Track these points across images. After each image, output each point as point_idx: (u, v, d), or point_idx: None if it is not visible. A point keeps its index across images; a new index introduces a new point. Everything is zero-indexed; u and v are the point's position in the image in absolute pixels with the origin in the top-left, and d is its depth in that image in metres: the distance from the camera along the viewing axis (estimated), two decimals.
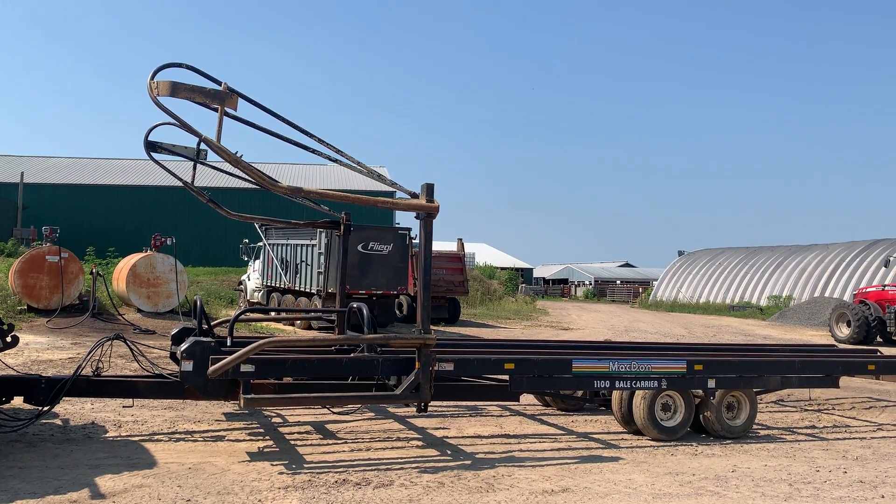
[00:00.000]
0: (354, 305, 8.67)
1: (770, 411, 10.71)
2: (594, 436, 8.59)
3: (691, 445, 8.15)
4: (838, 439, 8.88)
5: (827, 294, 39.57)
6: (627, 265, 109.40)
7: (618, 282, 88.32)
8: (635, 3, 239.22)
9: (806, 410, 10.92)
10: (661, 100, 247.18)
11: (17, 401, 7.54)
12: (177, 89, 6.63)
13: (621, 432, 8.72)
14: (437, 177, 73.88)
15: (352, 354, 8.11)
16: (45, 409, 7.49)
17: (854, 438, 8.98)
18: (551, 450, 7.84)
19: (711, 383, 8.50)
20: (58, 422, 8.20)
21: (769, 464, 7.45)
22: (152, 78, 6.57)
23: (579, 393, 9.93)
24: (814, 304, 35.34)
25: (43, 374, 7.79)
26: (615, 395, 8.71)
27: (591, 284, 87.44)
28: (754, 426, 9.00)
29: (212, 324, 8.46)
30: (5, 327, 7.33)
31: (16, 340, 7.48)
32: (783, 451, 8.12)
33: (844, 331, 24.76)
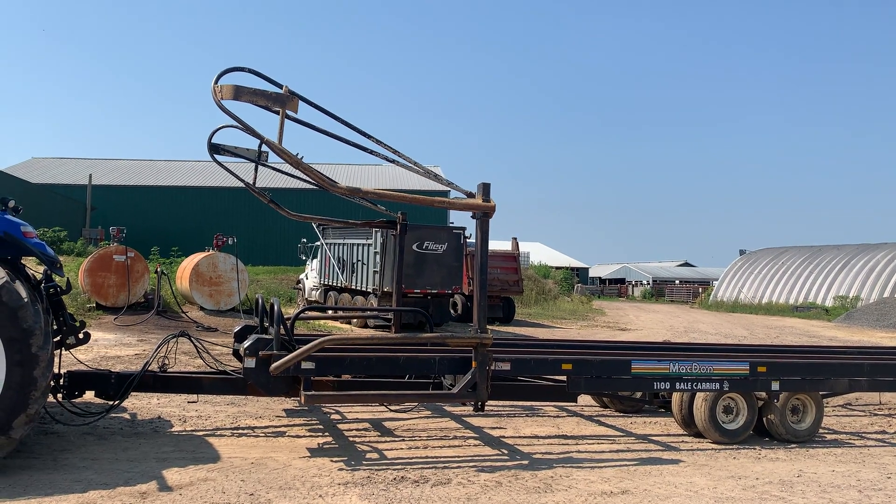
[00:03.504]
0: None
1: (837, 415, 10.38)
2: (653, 438, 8.47)
3: (754, 449, 7.96)
4: None
5: None
6: (686, 265, 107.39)
7: (677, 282, 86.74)
8: None
9: (876, 415, 10.55)
10: (724, 96, 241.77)
11: (88, 395, 7.82)
12: (240, 93, 6.77)
13: (681, 434, 8.57)
14: (491, 175, 73.81)
15: None
16: (115, 403, 7.75)
17: None
18: (610, 451, 7.76)
19: (775, 385, 8.28)
20: (126, 416, 8.48)
21: (837, 469, 7.23)
22: (216, 82, 6.72)
23: (638, 394, 9.79)
24: (883, 304, 34.10)
25: (112, 370, 8.07)
26: (675, 396, 8.56)
27: (648, 284, 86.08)
28: (820, 430, 8.73)
29: None
30: (77, 324, 7.61)
31: (87, 337, 7.75)
32: (851, 456, 7.86)
33: None
